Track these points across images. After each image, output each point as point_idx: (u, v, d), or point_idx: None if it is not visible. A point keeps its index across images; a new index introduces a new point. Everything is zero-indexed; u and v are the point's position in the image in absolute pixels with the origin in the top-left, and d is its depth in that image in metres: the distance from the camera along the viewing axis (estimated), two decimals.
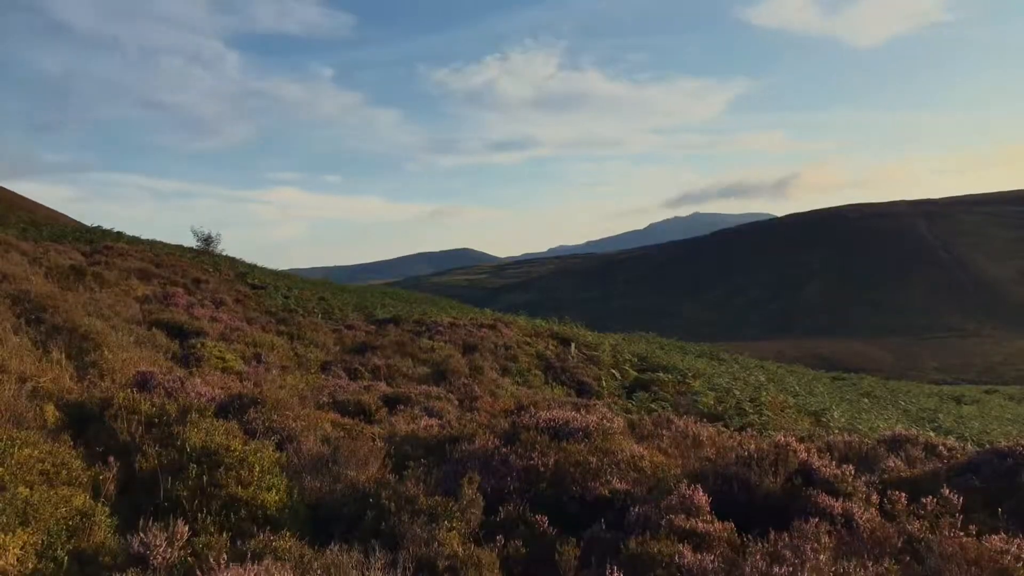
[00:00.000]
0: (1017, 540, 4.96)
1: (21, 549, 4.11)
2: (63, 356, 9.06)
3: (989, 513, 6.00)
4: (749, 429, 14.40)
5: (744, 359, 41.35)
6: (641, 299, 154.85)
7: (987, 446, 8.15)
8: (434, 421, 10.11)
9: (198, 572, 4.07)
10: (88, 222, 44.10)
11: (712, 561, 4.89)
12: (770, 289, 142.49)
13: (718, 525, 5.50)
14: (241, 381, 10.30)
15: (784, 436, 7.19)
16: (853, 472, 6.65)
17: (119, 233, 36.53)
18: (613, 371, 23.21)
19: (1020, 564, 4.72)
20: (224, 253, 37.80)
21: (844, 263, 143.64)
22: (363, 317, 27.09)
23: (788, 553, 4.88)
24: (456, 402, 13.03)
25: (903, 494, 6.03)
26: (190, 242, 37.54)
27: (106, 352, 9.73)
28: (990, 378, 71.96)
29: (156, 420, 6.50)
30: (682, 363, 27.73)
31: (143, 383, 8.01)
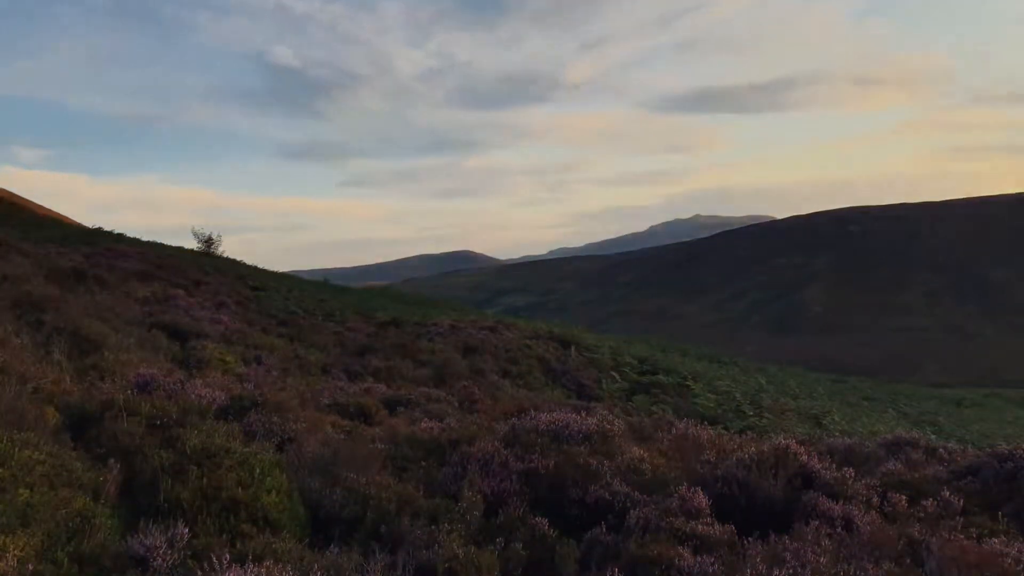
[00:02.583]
0: (1017, 543, 4.96)
1: (21, 551, 4.11)
2: (64, 358, 9.07)
3: (989, 516, 6.00)
4: (750, 432, 14.39)
5: (744, 362, 41.37)
6: (641, 301, 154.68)
7: (987, 449, 8.15)
8: (434, 423, 10.11)
9: (199, 574, 4.08)
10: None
11: (712, 564, 4.89)
12: (771, 291, 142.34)
13: (719, 528, 5.50)
14: (242, 383, 10.31)
15: (784, 439, 7.20)
16: (853, 475, 6.65)
17: (120, 235, 36.62)
18: (613, 373, 23.23)
19: (1020, 567, 4.72)
20: (225, 255, 37.93)
21: (845, 265, 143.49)
22: (364, 319, 27.12)
23: (788, 556, 4.89)
24: (456, 404, 13.03)
25: (903, 497, 6.03)
26: (191, 243, 37.73)
27: (107, 354, 9.75)
28: (991, 381, 71.89)
29: (157, 422, 6.50)
30: (682, 366, 27.75)
31: (144, 385, 8.01)
